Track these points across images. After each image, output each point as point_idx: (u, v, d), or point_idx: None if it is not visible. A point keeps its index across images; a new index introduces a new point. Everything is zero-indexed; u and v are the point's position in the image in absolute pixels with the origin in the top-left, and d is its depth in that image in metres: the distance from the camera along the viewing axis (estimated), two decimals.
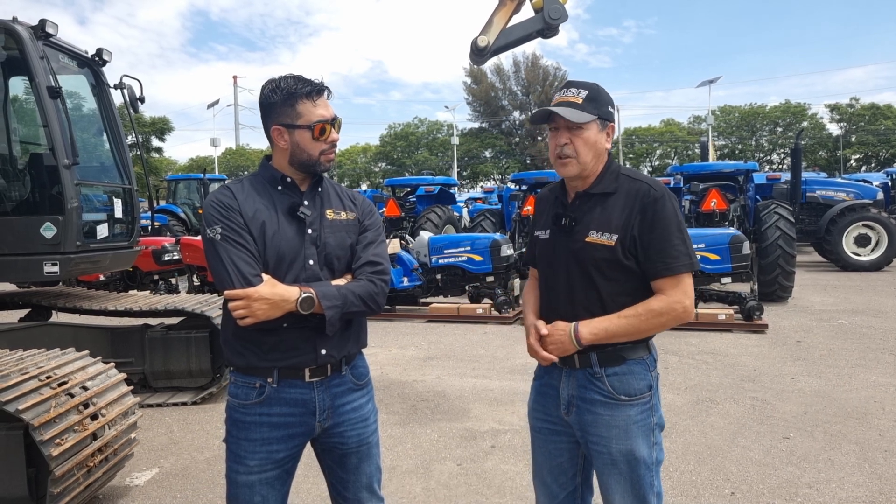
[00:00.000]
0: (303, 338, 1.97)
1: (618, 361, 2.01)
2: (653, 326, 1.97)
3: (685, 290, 1.96)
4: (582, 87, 2.03)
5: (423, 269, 9.75)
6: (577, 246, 2.01)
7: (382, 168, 58.42)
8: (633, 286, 1.99)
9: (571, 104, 1.99)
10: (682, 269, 1.94)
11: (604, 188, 2.04)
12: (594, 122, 2.00)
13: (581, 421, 2.04)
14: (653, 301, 1.95)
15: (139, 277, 10.96)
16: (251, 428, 1.98)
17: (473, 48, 4.00)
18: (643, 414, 2.02)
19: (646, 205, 1.96)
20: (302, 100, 1.98)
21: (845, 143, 50.79)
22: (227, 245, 1.90)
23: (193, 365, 5.47)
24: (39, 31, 4.66)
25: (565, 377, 2.08)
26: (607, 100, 2.05)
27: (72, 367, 3.38)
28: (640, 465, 1.99)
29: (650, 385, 2.04)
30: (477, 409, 5.21)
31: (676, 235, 1.95)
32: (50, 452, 2.86)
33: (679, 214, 1.99)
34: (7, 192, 4.91)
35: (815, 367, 6.17)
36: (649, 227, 1.94)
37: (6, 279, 4.98)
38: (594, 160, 2.03)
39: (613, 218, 1.98)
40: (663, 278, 1.95)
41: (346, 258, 2.09)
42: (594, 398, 2.01)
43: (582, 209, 2.05)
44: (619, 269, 1.97)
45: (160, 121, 42.84)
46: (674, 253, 1.93)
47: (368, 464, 2.15)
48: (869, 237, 13.43)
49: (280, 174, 2.05)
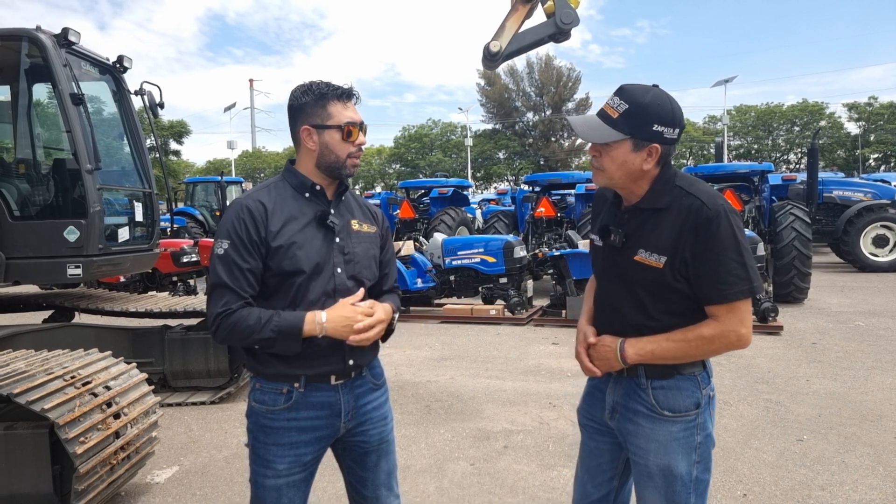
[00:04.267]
0: (333, 348, 1.99)
1: (666, 375, 1.90)
2: (702, 353, 1.85)
3: (741, 318, 1.80)
4: (626, 98, 1.82)
5: (436, 271, 9.81)
6: (625, 263, 1.90)
7: (396, 170, 58.49)
8: (684, 307, 1.85)
9: (606, 116, 1.84)
10: (737, 297, 1.77)
11: (654, 203, 1.87)
12: (625, 142, 1.82)
13: (622, 429, 1.99)
14: (704, 327, 1.81)
15: (158, 279, 11.12)
16: (280, 433, 2.00)
17: (486, 53, 4.04)
18: (686, 431, 1.90)
19: (699, 225, 1.78)
20: (333, 101, 2.01)
21: (864, 142, 50.09)
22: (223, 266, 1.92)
23: (212, 365, 5.57)
24: (62, 40, 4.76)
25: (612, 382, 2.02)
26: (654, 117, 1.80)
27: (95, 368, 3.47)
28: (676, 482, 1.89)
29: (698, 403, 1.90)
30: (490, 409, 5.25)
31: (733, 259, 1.76)
32: (74, 450, 2.94)
33: (738, 234, 1.79)
34: (32, 197, 5.02)
35: (831, 370, 6.15)
36: (702, 250, 1.77)
37: (30, 281, 5.09)
38: (626, 178, 1.87)
39: (664, 237, 1.82)
40: (717, 305, 1.80)
41: (372, 269, 2.13)
42: (637, 409, 1.94)
43: (632, 224, 1.91)
44: (669, 290, 1.84)
45: (178, 124, 43.23)
46: (729, 279, 1.76)
47: (387, 461, 2.19)
48: (887, 238, 13.30)
49: (310, 182, 2.06)
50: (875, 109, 50.88)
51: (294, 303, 1.96)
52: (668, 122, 1.82)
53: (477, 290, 9.86)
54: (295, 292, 1.97)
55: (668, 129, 1.81)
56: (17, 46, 4.76)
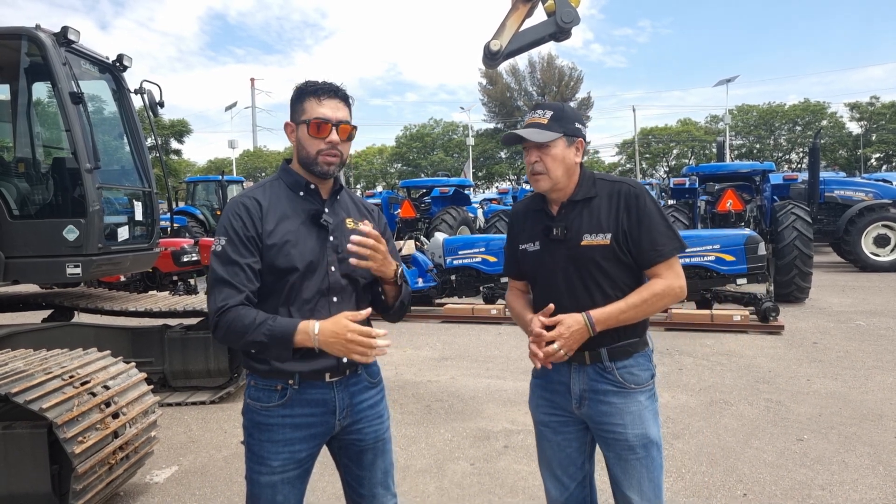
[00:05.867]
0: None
1: (626, 356, 2.16)
2: (655, 308, 2.13)
3: (678, 272, 2.13)
4: (548, 108, 2.19)
5: (437, 270, 9.81)
6: (574, 251, 2.13)
7: (398, 169, 58.54)
8: (630, 279, 2.15)
9: (538, 125, 2.14)
10: (672, 253, 2.12)
11: (585, 194, 2.17)
12: (560, 140, 2.13)
13: (595, 412, 2.16)
14: (654, 285, 2.11)
15: (159, 278, 11.13)
16: (274, 430, 2.01)
17: (486, 52, 4.02)
18: (650, 400, 2.18)
19: (629, 202, 2.11)
20: (308, 97, 2.04)
21: (865, 141, 50.05)
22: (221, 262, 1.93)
23: (212, 365, 5.57)
24: (62, 38, 4.76)
25: (575, 373, 2.18)
26: (573, 117, 2.18)
27: (94, 367, 3.47)
28: (653, 447, 2.14)
29: (653, 374, 2.22)
30: (490, 409, 5.24)
31: (662, 223, 2.11)
32: (73, 450, 2.94)
33: (657, 203, 2.16)
34: (31, 196, 5.03)
35: (831, 369, 6.13)
36: (637, 222, 2.10)
37: (30, 280, 5.10)
38: (565, 174, 2.16)
39: (602, 219, 2.12)
40: (657, 265, 2.11)
41: (366, 269, 2.10)
42: (607, 389, 2.14)
43: (570, 217, 2.17)
44: (618, 265, 2.12)
45: (179, 123, 43.22)
46: (662, 240, 2.10)
47: (383, 460, 2.19)
48: (888, 237, 13.26)
49: (304, 180, 2.08)
50: (877, 109, 50.83)
51: (288, 301, 1.97)
52: (582, 122, 2.22)
53: (478, 290, 9.86)
54: (289, 291, 1.98)
55: (582, 126, 2.21)
56: (17, 45, 4.76)
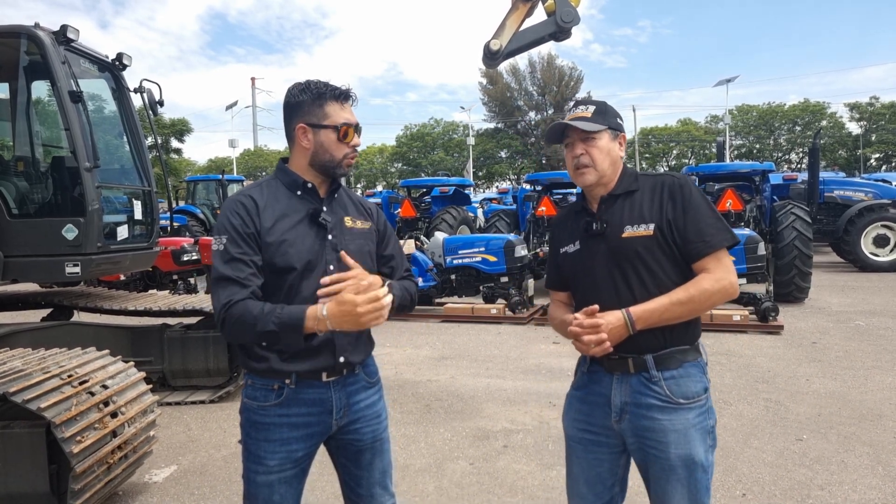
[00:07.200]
0: (324, 345, 1.99)
1: (675, 365, 1.98)
2: (703, 307, 1.97)
3: (728, 267, 1.97)
4: (590, 103, 2.15)
5: (437, 270, 9.80)
6: (615, 244, 2.02)
7: (398, 168, 58.51)
8: (676, 274, 1.99)
9: (582, 118, 2.09)
10: (722, 245, 1.97)
11: (627, 187, 2.09)
12: (605, 132, 2.08)
13: (636, 427, 1.99)
14: (702, 281, 1.94)
15: (158, 277, 11.10)
16: (271, 429, 2.01)
17: (486, 52, 4.02)
18: (700, 417, 1.99)
19: (673, 192, 2.01)
20: (330, 101, 2.02)
21: (865, 142, 50.03)
22: (223, 260, 1.92)
23: (211, 364, 5.56)
24: (61, 37, 4.75)
25: (617, 384, 2.03)
26: (615, 113, 2.15)
27: (92, 366, 3.46)
28: (697, 469, 1.96)
29: (706, 387, 2.02)
30: (490, 408, 5.24)
31: (710, 214, 1.99)
32: (71, 450, 2.93)
33: (704, 195, 2.03)
34: (30, 195, 5.02)
35: (831, 369, 6.13)
36: (682, 212, 1.98)
37: (29, 279, 5.09)
38: (611, 167, 2.09)
39: (644, 210, 2.02)
40: (705, 257, 1.96)
41: (367, 265, 2.07)
42: (651, 403, 1.97)
43: (610, 211, 2.08)
44: (662, 258, 1.99)
45: (179, 122, 43.24)
46: (710, 231, 1.96)
47: (381, 459, 2.18)
48: (888, 237, 13.27)
49: (301, 180, 2.07)
50: (876, 109, 50.84)
51: (287, 300, 1.96)
52: (621, 118, 2.19)
53: (478, 290, 9.85)
54: (287, 290, 1.97)
55: (622, 122, 2.18)
56: (16, 44, 4.75)
